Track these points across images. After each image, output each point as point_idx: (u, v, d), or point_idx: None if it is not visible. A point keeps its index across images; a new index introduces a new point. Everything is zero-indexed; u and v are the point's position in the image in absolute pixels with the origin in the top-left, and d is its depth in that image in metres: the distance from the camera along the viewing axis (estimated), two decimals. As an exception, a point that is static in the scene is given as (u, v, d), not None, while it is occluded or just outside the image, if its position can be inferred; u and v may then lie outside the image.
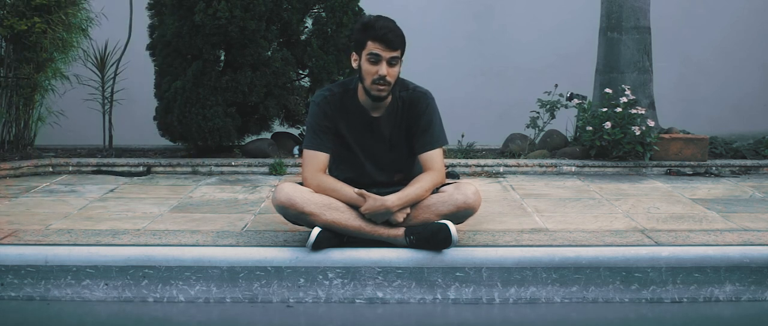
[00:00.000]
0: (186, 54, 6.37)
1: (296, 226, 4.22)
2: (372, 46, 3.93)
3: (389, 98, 4.08)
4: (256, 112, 6.65)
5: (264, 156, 6.52)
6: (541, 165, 6.33)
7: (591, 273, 4.00)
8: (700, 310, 3.95)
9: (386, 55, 3.92)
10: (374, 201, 3.94)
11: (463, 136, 6.93)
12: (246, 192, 5.55)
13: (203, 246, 4.11)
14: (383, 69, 3.93)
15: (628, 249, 4.08)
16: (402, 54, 3.99)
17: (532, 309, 3.94)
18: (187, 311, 3.90)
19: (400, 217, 3.98)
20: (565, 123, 7.00)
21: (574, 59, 7.85)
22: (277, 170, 6.24)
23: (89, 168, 6.26)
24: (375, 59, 3.93)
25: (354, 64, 4.03)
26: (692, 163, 6.43)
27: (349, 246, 4.03)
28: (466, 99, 8.23)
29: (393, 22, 3.99)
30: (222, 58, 6.52)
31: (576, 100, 6.76)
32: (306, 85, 6.84)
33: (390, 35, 3.91)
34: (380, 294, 3.98)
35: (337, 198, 3.99)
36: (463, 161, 6.40)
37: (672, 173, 6.31)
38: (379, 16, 4.01)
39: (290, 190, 3.96)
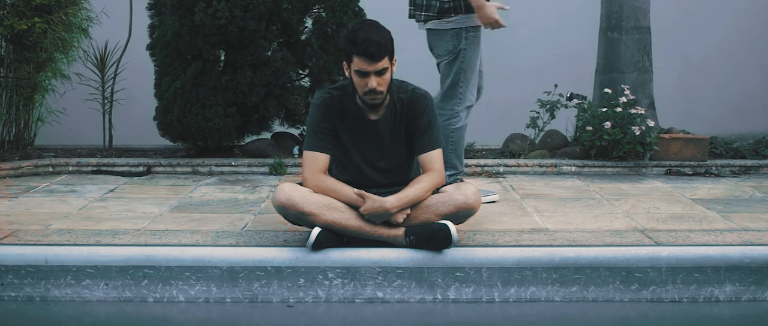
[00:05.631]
0: (186, 54, 6.37)
1: (296, 226, 4.22)
2: (357, 62, 3.91)
3: (387, 100, 4.08)
4: (256, 112, 6.65)
5: (264, 156, 6.52)
6: (541, 165, 6.33)
7: (591, 273, 4.00)
8: (700, 310, 3.95)
9: (372, 68, 3.90)
10: (373, 202, 3.94)
11: (463, 135, 6.92)
12: (246, 192, 5.55)
13: (203, 246, 4.11)
14: (372, 82, 3.92)
15: (628, 249, 4.08)
16: (391, 59, 3.96)
17: (532, 308, 3.94)
18: (187, 311, 3.90)
19: (400, 218, 3.98)
20: (565, 123, 6.99)
21: (574, 59, 7.84)
22: (277, 170, 6.24)
23: (89, 168, 6.26)
24: (362, 74, 3.93)
25: (346, 73, 4.02)
26: (692, 162, 6.43)
27: (349, 246, 4.03)
28: (466, 99, 8.21)
29: (376, 30, 3.91)
30: (222, 58, 6.52)
31: (576, 100, 6.76)
32: (306, 85, 6.84)
33: (372, 49, 3.86)
34: (380, 294, 3.98)
35: (337, 199, 3.99)
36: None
37: (672, 173, 6.31)
38: (361, 25, 3.93)
39: (290, 190, 3.96)
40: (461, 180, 5.06)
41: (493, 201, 5.18)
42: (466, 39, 4.98)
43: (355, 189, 3.98)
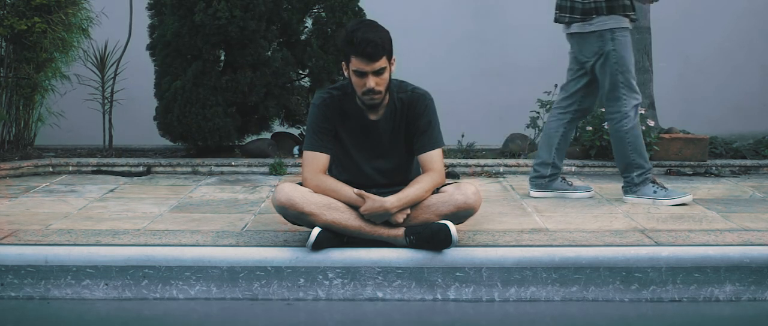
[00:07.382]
0: (186, 54, 6.38)
1: (296, 226, 4.22)
2: (355, 62, 3.90)
3: (386, 100, 4.08)
4: (256, 112, 6.66)
5: (264, 156, 6.52)
6: (541, 165, 6.32)
7: (591, 273, 4.00)
8: (700, 310, 3.94)
9: (370, 68, 3.89)
10: (373, 202, 3.94)
11: (463, 135, 6.93)
12: (246, 192, 5.55)
13: (203, 246, 4.11)
14: (370, 82, 3.91)
15: (628, 249, 4.08)
16: (389, 59, 3.95)
17: (532, 308, 3.94)
18: (187, 311, 3.90)
19: (400, 218, 3.98)
20: (565, 123, 6.97)
21: (575, 59, 7.83)
22: (277, 170, 6.25)
23: (89, 168, 6.26)
24: (360, 74, 3.92)
25: (345, 73, 4.02)
26: (692, 162, 6.43)
27: (349, 246, 4.02)
28: (466, 98, 8.22)
29: (374, 30, 3.90)
30: (222, 58, 6.52)
31: (576, 100, 6.75)
32: (306, 85, 6.85)
33: (369, 49, 3.84)
34: (380, 294, 3.98)
35: (337, 199, 3.98)
36: (463, 161, 6.40)
37: (672, 173, 6.31)
38: (359, 25, 3.92)
39: (290, 190, 3.96)
40: (653, 180, 5.12)
41: (684, 204, 5.11)
42: (612, 40, 5.03)
43: (355, 189, 3.98)
